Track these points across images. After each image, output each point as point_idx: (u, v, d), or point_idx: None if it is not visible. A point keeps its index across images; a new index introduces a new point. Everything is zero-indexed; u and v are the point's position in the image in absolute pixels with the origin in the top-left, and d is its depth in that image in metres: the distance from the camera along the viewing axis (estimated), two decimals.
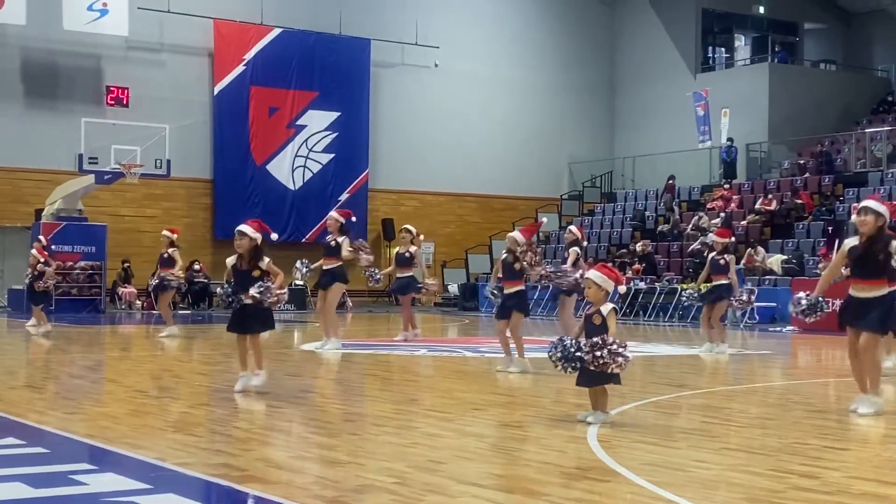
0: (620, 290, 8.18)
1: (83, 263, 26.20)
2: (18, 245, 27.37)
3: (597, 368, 7.66)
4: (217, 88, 30.67)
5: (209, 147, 30.74)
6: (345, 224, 14.52)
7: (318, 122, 31.95)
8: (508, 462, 6.76)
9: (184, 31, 29.91)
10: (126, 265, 28.43)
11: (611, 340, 7.64)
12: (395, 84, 33.24)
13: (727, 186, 29.94)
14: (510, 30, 35.12)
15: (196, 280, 28.44)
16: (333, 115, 32.07)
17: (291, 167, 31.59)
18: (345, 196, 31.87)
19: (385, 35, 32.50)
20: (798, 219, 26.63)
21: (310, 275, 15.36)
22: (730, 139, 30.85)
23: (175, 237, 17.79)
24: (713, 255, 14.97)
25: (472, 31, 34.31)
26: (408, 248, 16.56)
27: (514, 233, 12.09)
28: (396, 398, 9.90)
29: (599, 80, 36.70)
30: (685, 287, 23.74)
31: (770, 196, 27.89)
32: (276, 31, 31.30)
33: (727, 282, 14.95)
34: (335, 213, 14.84)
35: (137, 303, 28.07)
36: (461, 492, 5.67)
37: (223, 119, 30.76)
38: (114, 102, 28.85)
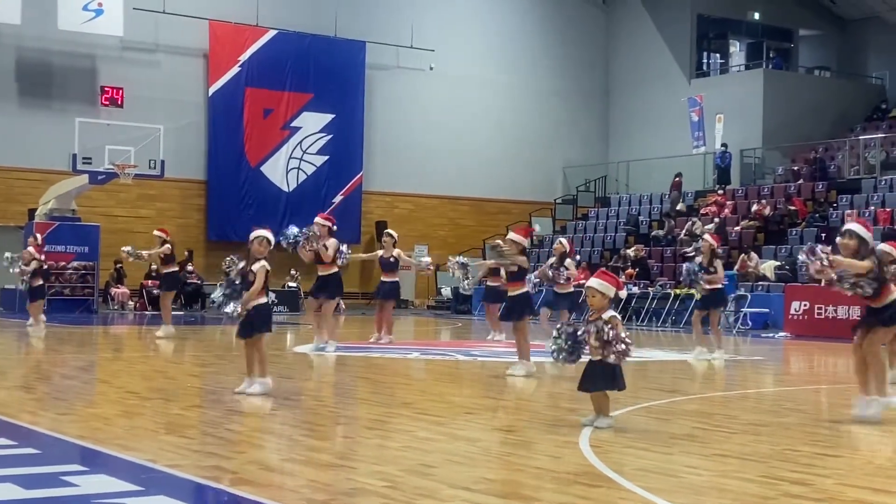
0: (621, 295, 8.20)
1: (76, 263, 26.15)
2: (11, 244, 27.22)
3: (600, 347, 7.73)
4: (212, 89, 30.66)
5: (203, 148, 30.72)
6: (332, 227, 14.41)
7: (313, 124, 31.94)
8: (500, 466, 6.76)
9: (179, 32, 29.89)
10: (119, 266, 28.38)
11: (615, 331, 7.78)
12: (390, 87, 33.25)
13: (721, 192, 29.99)
14: (505, 33, 35.16)
15: (189, 281, 28.40)
16: (328, 118, 32.07)
17: (286, 169, 31.58)
18: (339, 198, 31.87)
19: (380, 38, 32.51)
20: (791, 225, 26.68)
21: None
22: (724, 145, 30.90)
23: (167, 238, 17.83)
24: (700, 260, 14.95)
25: (467, 35, 34.34)
26: (391, 253, 16.60)
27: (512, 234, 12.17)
28: (388, 401, 9.89)
29: (594, 85, 36.74)
30: (678, 293, 23.78)
31: (763, 202, 27.94)
32: (272, 33, 31.29)
33: (721, 286, 14.96)
34: (320, 219, 14.56)
35: (130, 303, 28.03)
36: (453, 496, 5.67)
37: (218, 120, 30.75)
38: (108, 102, 28.84)
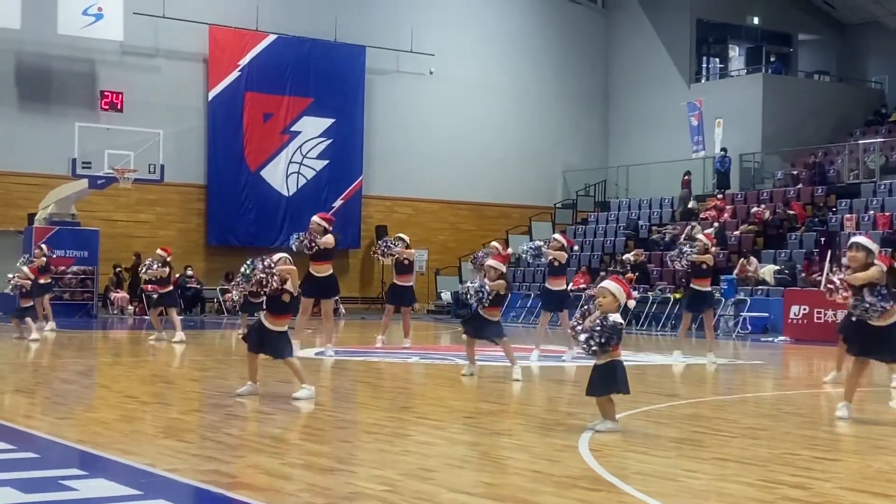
0: (630, 305, 8.26)
1: (76, 268, 26.16)
2: (11, 249, 27.28)
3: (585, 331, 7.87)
4: (211, 94, 30.66)
5: (203, 152, 30.72)
6: (328, 227, 14.32)
7: (313, 129, 31.94)
8: (499, 470, 6.76)
9: (179, 37, 29.90)
10: (118, 270, 28.39)
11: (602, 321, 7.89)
12: (390, 91, 33.26)
13: (720, 196, 30.00)
14: (505, 38, 35.18)
15: (188, 286, 28.39)
16: (328, 122, 32.07)
17: (285, 173, 31.58)
18: (339, 202, 31.86)
19: (380, 42, 32.53)
20: (791, 229, 26.68)
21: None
22: (723, 149, 30.92)
23: (169, 258, 17.99)
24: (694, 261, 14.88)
25: (467, 40, 34.36)
26: (405, 256, 16.59)
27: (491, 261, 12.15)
28: (388, 406, 9.89)
29: (594, 89, 36.77)
30: (678, 297, 23.78)
31: (763, 206, 27.94)
32: (272, 38, 31.30)
33: (707, 288, 14.93)
34: (317, 218, 14.35)
35: (129, 308, 28.02)
36: (452, 500, 5.67)
37: (217, 125, 30.75)
38: (108, 107, 28.83)
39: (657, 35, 35.41)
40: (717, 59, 37.21)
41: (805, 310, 21.32)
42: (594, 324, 7.91)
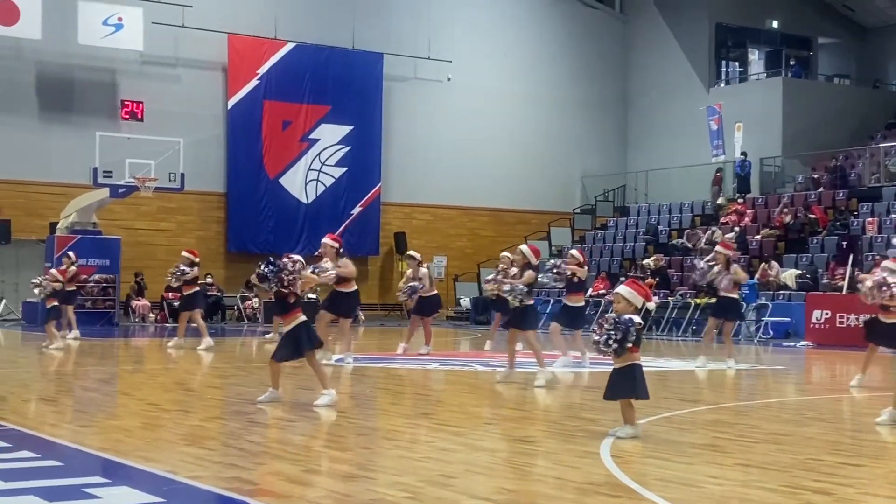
0: (650, 307, 8.18)
1: (97, 276, 26.28)
2: (33, 258, 27.49)
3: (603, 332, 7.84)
4: (231, 102, 30.79)
5: (223, 161, 30.85)
6: (339, 249, 14.36)
7: (331, 136, 32.02)
8: (520, 477, 6.75)
9: (198, 46, 30.05)
10: (139, 278, 28.50)
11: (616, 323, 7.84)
12: (408, 98, 33.31)
13: (741, 201, 29.89)
14: (523, 44, 35.19)
15: (209, 293, 28.48)
16: (346, 129, 32.14)
17: (304, 181, 31.66)
18: (357, 209, 31.93)
19: (398, 49, 32.58)
20: (812, 233, 26.55)
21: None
22: (743, 153, 30.81)
23: (196, 259, 18.04)
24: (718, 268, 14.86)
25: (485, 46, 34.38)
26: (417, 275, 16.71)
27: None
28: (408, 412, 9.89)
29: (612, 95, 36.71)
30: (698, 302, 23.70)
31: (784, 210, 27.81)
32: (290, 46, 31.41)
33: (735, 296, 14.92)
34: (329, 240, 14.35)
35: (151, 316, 28.14)
36: None
37: (237, 133, 30.87)
38: (128, 116, 28.97)
39: (676, 39, 35.33)
40: (737, 63, 37.09)
41: (827, 314, 21.21)
42: (609, 323, 7.87)
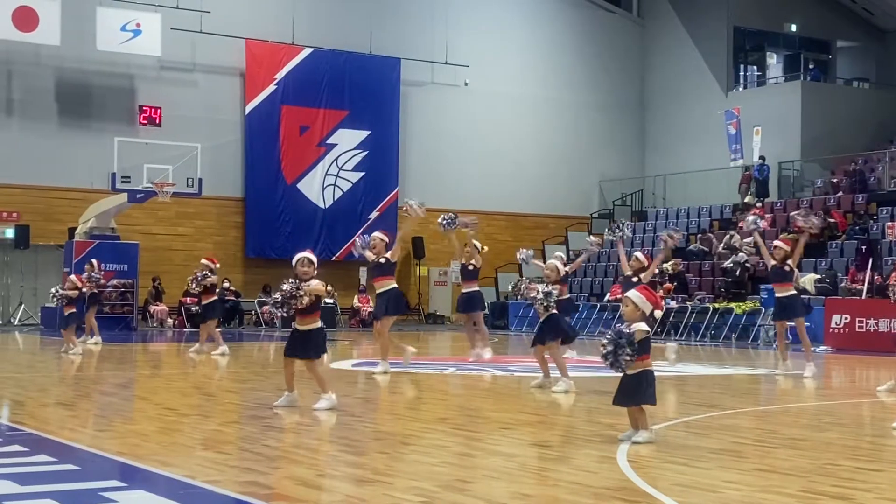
0: (656, 315, 8.11)
1: (115, 281, 26.38)
2: (51, 263, 27.63)
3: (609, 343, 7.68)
4: (248, 108, 30.88)
5: (240, 166, 30.94)
6: (389, 243, 14.32)
7: (349, 141, 32.08)
8: (538, 482, 6.73)
9: (216, 52, 30.16)
10: (157, 283, 28.60)
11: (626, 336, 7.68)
12: (425, 103, 33.34)
13: (759, 205, 29.76)
14: (540, 48, 35.17)
15: (227, 298, 28.54)
16: (363, 134, 32.19)
17: (322, 186, 31.72)
18: (375, 214, 31.96)
19: (415, 54, 32.62)
20: (831, 238, 26.42)
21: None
22: (762, 157, 30.69)
23: (215, 266, 18.03)
24: (774, 264, 14.36)
25: (502, 50, 34.37)
26: (470, 262, 16.46)
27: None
28: (425, 417, 9.88)
29: (630, 98, 36.65)
30: (717, 306, 23.59)
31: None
32: (307, 51, 31.49)
33: (794, 292, 14.60)
34: (380, 234, 14.27)
35: (169, 321, 28.23)
36: None
37: (254, 138, 30.96)
38: (146, 122, 29.10)
39: (693, 43, 35.24)
40: (755, 67, 36.95)
41: (846, 319, 21.09)
42: (605, 337, 7.77)
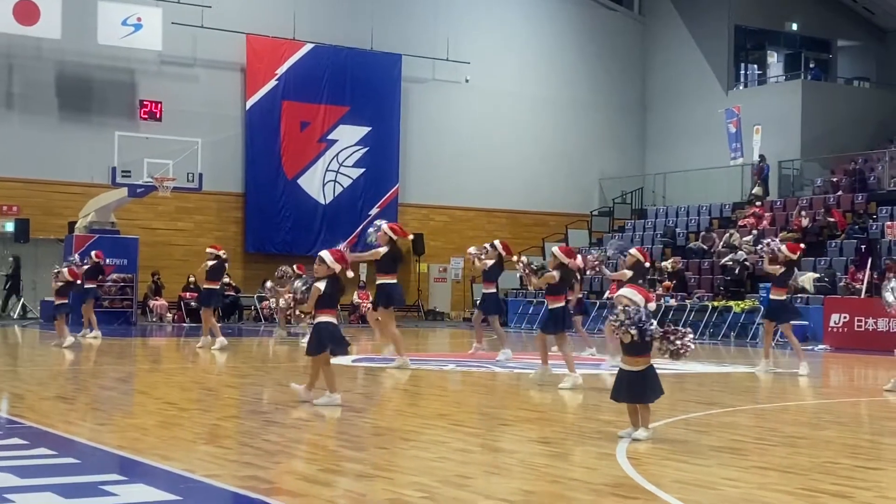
0: (650, 307, 8.17)
1: (115, 276, 26.36)
2: (51, 257, 27.60)
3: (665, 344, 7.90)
4: (249, 103, 30.87)
5: (241, 161, 30.93)
6: (393, 238, 14.28)
7: (349, 137, 32.08)
8: (537, 478, 6.73)
9: (217, 46, 30.14)
10: (156, 277, 28.59)
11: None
12: (426, 99, 33.33)
13: (759, 204, 29.77)
14: (541, 46, 35.16)
15: (226, 293, 28.53)
16: (364, 130, 32.19)
17: (322, 181, 31.72)
18: (375, 210, 31.93)
19: (416, 51, 32.61)
20: (831, 237, 26.42)
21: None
22: (762, 156, 30.69)
23: (221, 253, 17.96)
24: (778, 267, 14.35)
25: (503, 48, 34.36)
26: (485, 264, 16.42)
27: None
28: (425, 413, 9.89)
29: (630, 97, 36.64)
30: (716, 305, 23.60)
31: (802, 214, 27.68)
32: (308, 47, 31.47)
33: (784, 297, 14.64)
34: (386, 226, 14.20)
35: (168, 315, 28.22)
36: None
37: (255, 133, 30.95)
38: (147, 116, 29.07)
39: (694, 42, 35.24)
40: (756, 66, 36.95)
41: (845, 318, 21.10)
42: (626, 317, 7.82)
